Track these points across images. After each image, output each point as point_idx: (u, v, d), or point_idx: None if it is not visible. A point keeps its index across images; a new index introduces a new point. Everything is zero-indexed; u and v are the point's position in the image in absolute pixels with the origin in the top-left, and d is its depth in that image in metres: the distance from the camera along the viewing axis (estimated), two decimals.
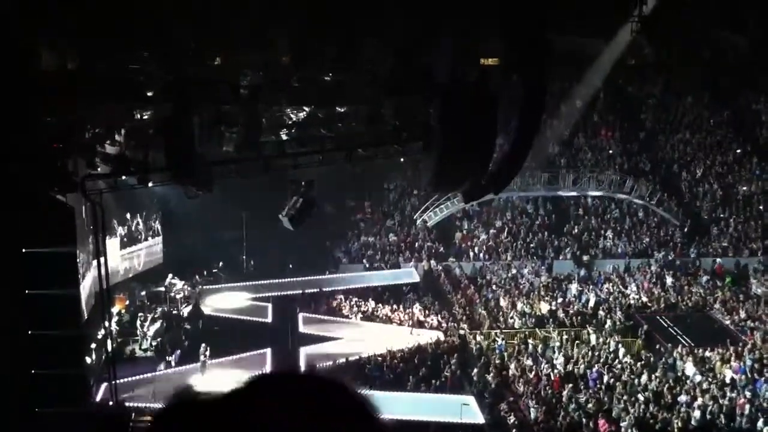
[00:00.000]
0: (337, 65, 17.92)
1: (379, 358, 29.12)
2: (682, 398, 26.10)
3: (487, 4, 17.66)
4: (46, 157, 17.28)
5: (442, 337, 31.42)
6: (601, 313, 33.73)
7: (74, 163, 19.03)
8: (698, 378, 27.51)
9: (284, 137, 20.09)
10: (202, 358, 28.03)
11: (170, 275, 32.88)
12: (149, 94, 17.53)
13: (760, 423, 24.57)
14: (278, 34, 17.43)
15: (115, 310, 29.92)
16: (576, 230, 41.44)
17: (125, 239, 33.89)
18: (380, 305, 34.51)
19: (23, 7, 15.54)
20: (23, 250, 17.24)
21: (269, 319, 33.42)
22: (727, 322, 33.21)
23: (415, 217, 41.15)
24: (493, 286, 36.93)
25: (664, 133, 46.32)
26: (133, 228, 34.52)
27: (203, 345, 28.31)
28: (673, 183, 43.73)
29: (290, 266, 38.05)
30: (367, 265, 39.31)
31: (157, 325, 29.97)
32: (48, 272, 17.39)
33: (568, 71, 39.74)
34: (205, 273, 35.15)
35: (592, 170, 42.75)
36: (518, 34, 16.57)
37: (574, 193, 42.53)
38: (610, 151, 44.93)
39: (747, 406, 25.29)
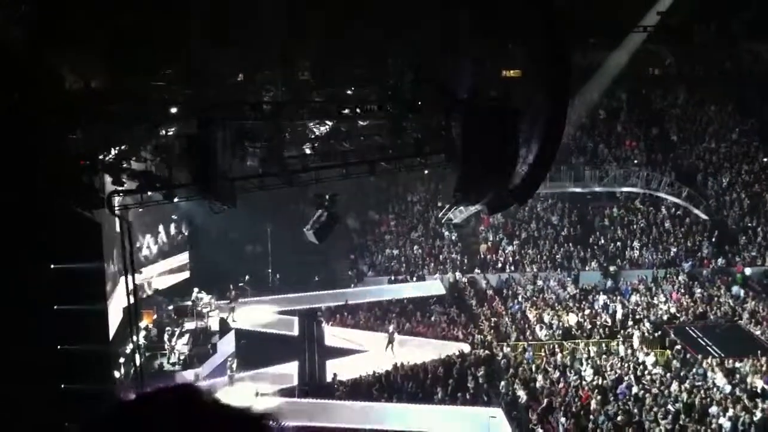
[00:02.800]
0: (359, 80, 18.04)
1: (405, 371, 29.04)
2: (713, 409, 25.79)
3: (509, 19, 17.70)
4: (73, 173, 17.52)
5: (468, 349, 31.31)
6: (629, 323, 33.44)
7: (101, 179, 19.28)
8: (728, 388, 27.18)
9: (307, 151, 20.23)
10: (228, 372, 28.17)
11: (196, 289, 33.09)
12: (173, 111, 17.75)
13: None
14: (300, 53, 17.60)
15: (142, 324, 30.15)
16: (602, 241, 41.19)
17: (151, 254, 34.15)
18: (405, 318, 34.46)
19: (49, 26, 15.81)
20: (51, 266, 17.46)
21: (295, 333, 33.51)
22: (758, 333, 32.80)
23: (440, 216, 40.91)
24: (519, 298, 36.77)
25: (688, 142, 45.96)
26: (160, 242, 34.76)
27: (230, 358, 28.45)
28: (699, 192, 43.32)
29: (316, 279, 38.17)
30: (392, 278, 39.31)
31: (185, 339, 30.16)
32: (76, 288, 17.59)
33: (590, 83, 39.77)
34: (231, 287, 35.32)
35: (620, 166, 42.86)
36: (541, 48, 16.59)
37: (600, 189, 42.66)
38: (635, 162, 44.62)
39: None
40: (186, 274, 36.84)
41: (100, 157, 18.43)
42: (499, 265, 40.16)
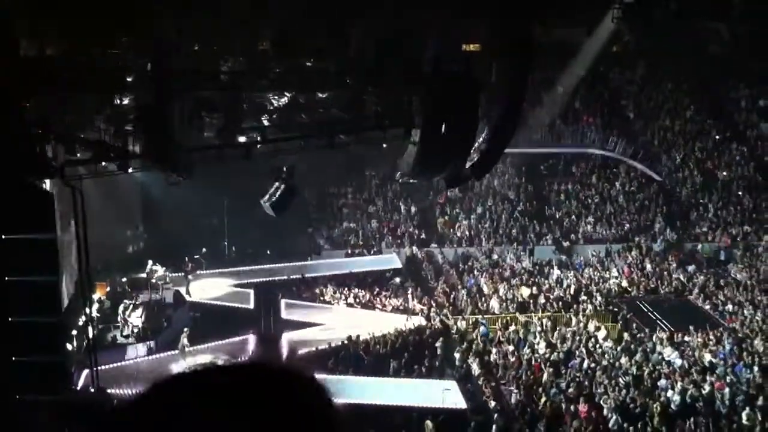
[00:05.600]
0: (320, 52, 17.88)
1: (361, 344, 29.16)
2: (662, 382, 26.34)
3: None
4: (25, 142, 17.13)
5: (424, 323, 31.51)
6: (582, 298, 33.96)
7: (54, 149, 18.89)
8: (678, 362, 27.77)
9: (266, 123, 20.03)
10: (182, 342, 27.98)
11: (150, 262, 32.72)
12: (129, 80, 17.43)
13: (739, 406, 24.83)
14: (261, 21, 17.37)
15: (95, 296, 29.77)
16: (557, 216, 41.69)
17: None
18: (362, 291, 34.56)
19: None
20: (2, 237, 17.11)
21: (251, 306, 33.38)
22: (707, 307, 33.54)
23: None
24: (475, 272, 37.08)
25: (643, 119, 46.58)
26: None
27: (183, 330, 28.25)
28: (653, 168, 43.99)
29: (268, 252, 37.96)
30: (349, 251, 39.32)
31: (139, 311, 29.86)
32: (27, 259, 17.28)
33: (551, 61, 39.84)
34: (186, 259, 35.00)
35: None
36: (501, 22, 16.59)
37: (556, 150, 44.17)
38: (591, 140, 45.12)
39: (726, 390, 25.55)
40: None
41: (53, 126, 18.04)
42: (456, 239, 40.42)
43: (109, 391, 23.40)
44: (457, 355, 28.66)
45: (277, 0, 17.23)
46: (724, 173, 43.54)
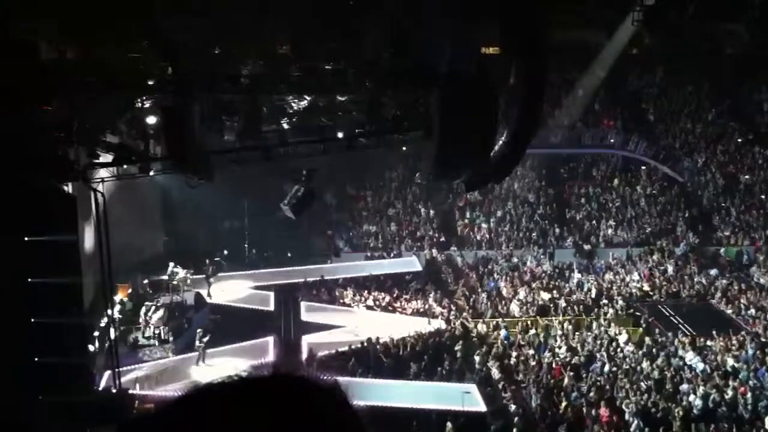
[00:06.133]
0: (337, 55, 17.94)
1: (381, 347, 29.18)
2: (684, 387, 26.15)
3: None
4: (47, 145, 17.33)
5: (444, 326, 31.48)
6: (603, 301, 33.78)
7: (76, 152, 19.07)
8: (700, 366, 27.55)
9: (285, 126, 20.12)
10: (197, 344, 28.10)
11: (171, 264, 32.92)
12: (150, 83, 17.57)
13: (762, 411, 24.61)
14: (278, 24, 17.46)
15: (117, 298, 30.00)
16: (578, 219, 41.51)
17: None
18: (382, 294, 34.56)
19: None
20: (25, 239, 17.29)
21: (271, 308, 33.48)
22: (729, 312, 33.24)
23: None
24: (495, 275, 36.99)
25: (665, 122, 46.29)
26: None
27: (199, 332, 28.36)
28: (674, 170, 43.71)
29: (289, 255, 38.08)
30: (369, 254, 39.36)
31: (160, 313, 30.06)
32: (50, 260, 17.44)
33: (571, 63, 39.72)
34: (207, 262, 35.18)
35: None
36: (518, 24, 16.56)
37: (576, 151, 44.33)
38: (611, 140, 44.92)
39: (749, 395, 25.33)
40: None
41: (75, 129, 18.22)
42: (476, 242, 40.34)
43: (130, 392, 23.60)
44: (477, 359, 28.59)
45: (291, 3, 17.28)
46: (746, 176, 43.15)
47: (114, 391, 22.39)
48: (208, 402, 1.34)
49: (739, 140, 45.04)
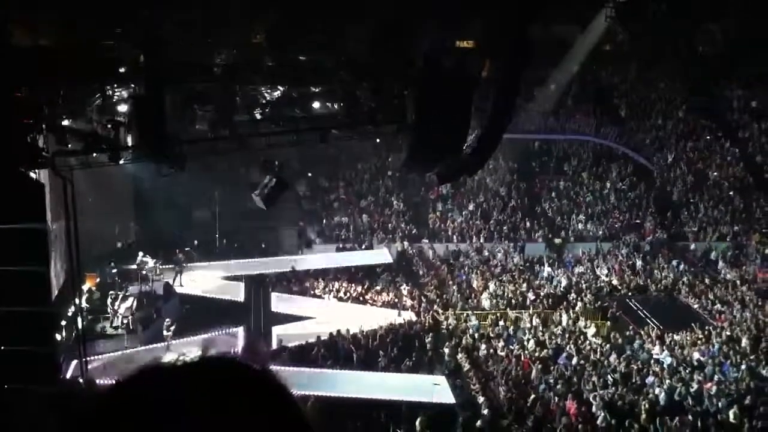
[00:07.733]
0: (314, 47, 17.87)
1: (351, 338, 29.18)
2: (650, 380, 26.43)
3: None
4: (16, 132, 17.07)
5: (414, 318, 31.55)
6: (572, 295, 34.06)
7: (45, 139, 18.83)
8: (668, 360, 27.87)
9: (258, 116, 20.01)
10: (165, 333, 27.92)
11: (141, 253, 32.66)
12: (122, 71, 17.38)
13: (724, 405, 24.93)
14: (255, 14, 17.35)
15: (85, 287, 29.70)
16: (548, 213, 41.79)
17: None
18: (353, 285, 34.57)
19: None
20: None
21: (242, 298, 33.35)
22: (696, 306, 33.66)
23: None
24: (466, 268, 37.13)
25: (635, 118, 46.69)
26: None
27: (166, 321, 28.16)
28: (645, 167, 44.16)
29: (262, 245, 37.99)
30: (340, 246, 39.33)
31: (128, 303, 29.79)
32: (17, 248, 17.23)
33: (544, 58, 39.89)
34: (177, 251, 34.94)
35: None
36: (496, 20, 16.60)
37: (552, 137, 44.93)
38: (586, 130, 45.28)
39: (714, 389, 25.66)
40: None
41: (45, 116, 17.98)
42: (447, 235, 40.46)
43: (97, 382, 23.38)
44: (446, 351, 28.70)
45: None
46: (716, 173, 43.68)
47: (81, 380, 22.19)
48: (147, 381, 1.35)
49: (709, 137, 45.53)
